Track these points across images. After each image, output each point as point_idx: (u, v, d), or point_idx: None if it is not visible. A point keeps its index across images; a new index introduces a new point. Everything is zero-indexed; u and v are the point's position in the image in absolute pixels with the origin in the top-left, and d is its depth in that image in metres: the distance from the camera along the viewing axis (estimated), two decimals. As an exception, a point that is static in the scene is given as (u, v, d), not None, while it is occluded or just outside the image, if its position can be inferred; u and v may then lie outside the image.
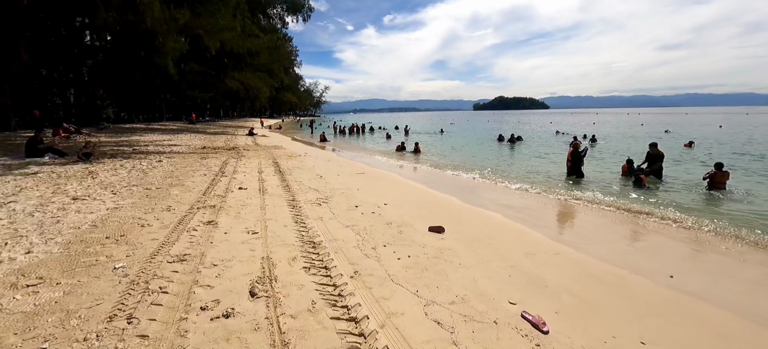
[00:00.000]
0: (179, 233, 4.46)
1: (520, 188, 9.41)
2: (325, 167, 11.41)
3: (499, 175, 11.59)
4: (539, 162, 14.69)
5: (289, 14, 37.03)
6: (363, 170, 11.20)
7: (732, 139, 24.09)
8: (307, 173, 9.90)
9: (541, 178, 11.11)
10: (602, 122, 53.60)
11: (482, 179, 10.76)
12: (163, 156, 11.85)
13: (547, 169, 12.58)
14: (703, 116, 74.97)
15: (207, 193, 6.81)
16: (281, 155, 13.99)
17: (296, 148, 18.28)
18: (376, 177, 10.13)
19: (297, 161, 12.42)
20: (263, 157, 13.19)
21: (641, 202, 7.96)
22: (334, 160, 13.52)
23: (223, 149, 15.22)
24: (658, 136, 27.36)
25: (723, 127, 38.33)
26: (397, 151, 18.87)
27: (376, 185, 8.88)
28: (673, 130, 33.86)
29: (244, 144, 18.63)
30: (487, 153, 18.26)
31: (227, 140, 20.37)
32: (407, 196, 7.76)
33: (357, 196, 7.34)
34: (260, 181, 8.32)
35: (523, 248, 4.85)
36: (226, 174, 8.97)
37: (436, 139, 28.36)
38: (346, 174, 10.32)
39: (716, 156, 14.89)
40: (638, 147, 19.92)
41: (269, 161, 11.95)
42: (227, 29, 21.72)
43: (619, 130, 35.68)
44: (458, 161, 15.04)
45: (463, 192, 8.90)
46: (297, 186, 7.95)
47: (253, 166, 10.76)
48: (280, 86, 72.93)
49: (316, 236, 4.66)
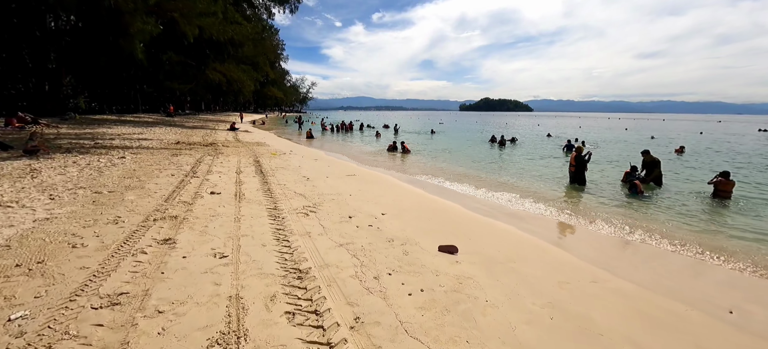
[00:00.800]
0: (121, 258, 3.40)
1: (524, 194, 8.68)
2: (313, 168, 10.39)
3: (499, 179, 10.87)
4: (536, 165, 14.11)
5: (276, 5, 35.37)
6: (354, 172, 10.24)
7: (718, 146, 24.38)
8: (292, 174, 8.87)
9: (543, 183, 10.44)
10: (587, 126, 54.30)
11: (483, 184, 9.99)
12: (127, 152, 10.53)
13: (546, 173, 11.97)
14: (680, 123, 77.43)
15: (171, 198, 5.71)
16: (264, 153, 12.85)
17: (281, 145, 17.11)
18: (370, 180, 9.20)
19: (281, 160, 11.33)
20: (244, 154, 12.02)
21: (654, 213, 7.34)
22: (323, 160, 12.49)
23: (199, 145, 13.92)
24: (645, 141, 27.53)
25: (703, 133, 39.27)
26: (389, 151, 17.97)
27: (370, 189, 7.95)
28: (658, 135, 34.32)
29: (224, 140, 17.30)
30: (483, 155, 17.60)
31: (205, 135, 18.95)
32: (406, 203, 6.87)
33: (350, 203, 6.39)
34: (237, 183, 7.24)
35: (553, 273, 4.04)
36: (197, 174, 7.83)
37: (428, 139, 27.62)
38: (336, 176, 9.34)
39: (708, 162, 14.74)
40: (630, 152, 19.74)
41: (250, 160, 10.81)
42: (206, 14, 20.16)
43: (605, 134, 35.91)
44: (454, 163, 14.27)
45: (465, 198, 8.09)
46: (280, 190, 6.92)
47: (232, 165, 9.62)
48: (266, 80, 70.68)
49: (303, 261, 3.69)
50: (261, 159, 11.19)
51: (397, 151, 17.82)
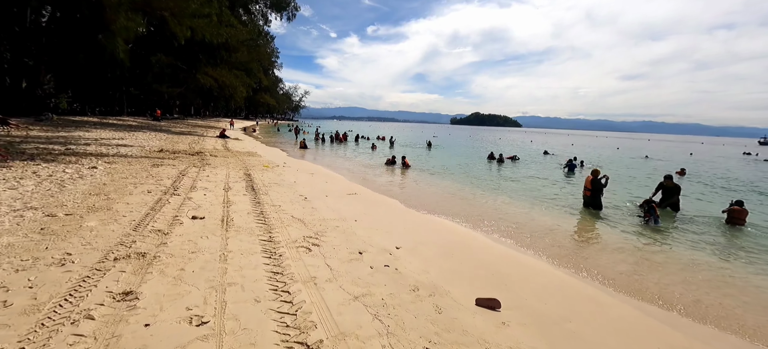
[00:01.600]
0: (53, 329, 2.41)
1: (540, 221, 7.90)
2: (310, 184, 9.44)
3: (508, 201, 10.10)
4: (541, 186, 13.45)
5: (273, 11, 34.62)
6: (355, 190, 9.34)
7: (713, 169, 24.34)
8: (287, 192, 7.91)
9: (556, 208, 9.71)
10: (578, 144, 54.70)
11: (491, 207, 9.19)
12: (101, 160, 9.40)
13: (553, 195, 11.27)
14: (665, 143, 79.00)
15: (142, 225, 4.70)
16: (255, 165, 11.84)
17: (273, 156, 16.10)
18: (374, 201, 8.31)
19: (274, 174, 10.35)
20: (233, 166, 10.99)
21: (704, 248, 6.63)
22: (319, 175, 11.56)
23: (184, 154, 12.82)
24: (640, 161, 27.44)
25: (693, 154, 39.79)
26: (387, 165, 17.15)
27: (376, 213, 7.06)
28: (652, 155, 34.49)
29: (213, 148, 16.20)
30: (485, 173, 16.91)
31: (193, 142, 17.80)
32: (421, 232, 5.99)
33: (357, 232, 5.48)
34: (225, 204, 6.25)
35: (625, 340, 3.21)
36: (179, 192, 6.80)
37: (425, 153, 26.95)
38: (336, 194, 8.42)
39: (711, 184, 14.38)
40: (629, 172, 19.39)
41: (240, 173, 9.80)
42: (199, 15, 19.19)
43: (599, 153, 35.91)
44: (457, 181, 13.50)
45: (482, 224, 7.25)
46: (275, 214, 5.96)
47: (219, 179, 8.59)
48: (258, 87, 69.56)
49: (311, 327, 2.76)
50: (252, 172, 10.19)
51: (396, 165, 17.02)
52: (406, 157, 17.56)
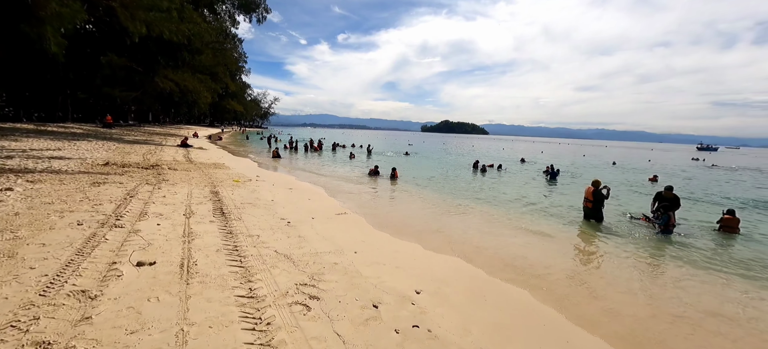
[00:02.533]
0: None
1: (546, 239, 7.13)
2: (290, 202, 8.10)
3: (507, 216, 9.34)
4: (530, 194, 12.94)
5: (241, 13, 32.46)
6: (343, 210, 8.12)
7: (676, 174, 25.54)
8: (265, 215, 6.55)
9: (557, 221, 9.07)
10: (547, 151, 56.56)
11: (489, 222, 8.35)
12: (23, 178, 7.48)
13: (544, 205, 10.71)
14: (622, 150, 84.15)
15: (55, 285, 3.23)
16: (224, 179, 10.26)
17: (244, 167, 14.43)
18: (370, 223, 7.14)
19: (247, 190, 8.88)
20: (197, 181, 9.36)
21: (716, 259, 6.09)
22: (299, 190, 10.20)
23: (136, 167, 10.92)
24: (610, 167, 28.36)
25: (651, 161, 42.22)
26: (371, 175, 16.01)
27: (377, 240, 5.91)
28: (619, 162, 36.02)
29: (172, 160, 14.24)
30: (474, 184, 16.24)
31: (148, 153, 15.65)
32: (435, 266, 4.93)
33: (363, 272, 4.32)
34: (186, 237, 4.83)
35: None
36: (122, 221, 5.25)
37: (404, 161, 26.11)
38: (324, 215, 7.17)
39: (686, 192, 14.66)
40: (605, 178, 19.63)
41: (205, 191, 8.25)
42: (156, 9, 16.96)
43: (568, 160, 36.89)
44: (446, 193, 12.64)
45: (504, 259, 6.29)
46: (253, 249, 4.65)
47: (179, 200, 7.05)
48: (225, 92, 65.95)
49: None
50: (220, 189, 8.66)
51: (380, 176, 15.94)
52: (396, 168, 16.49)
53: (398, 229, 7.17)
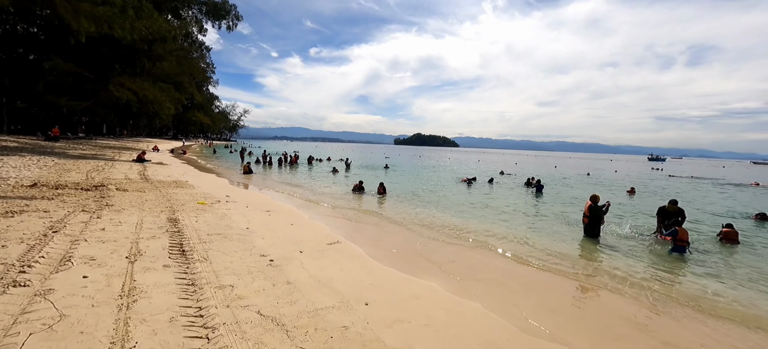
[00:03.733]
0: None
1: (556, 258, 6.25)
2: (270, 229, 6.67)
3: (515, 234, 8.44)
4: (522, 207, 12.26)
5: (209, 19, 30.32)
6: (334, 237, 6.81)
7: (647, 184, 26.34)
8: (240, 251, 5.13)
9: (560, 239, 8.30)
10: (521, 163, 57.85)
11: (497, 239, 7.39)
12: None
13: (539, 221, 9.98)
14: (587, 161, 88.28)
15: None
16: (186, 202, 8.59)
17: (211, 185, 12.65)
18: (371, 255, 5.87)
19: (215, 215, 7.33)
20: (152, 206, 7.66)
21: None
22: (279, 212, 8.73)
23: (74, 189, 8.96)
24: (587, 178, 28.87)
25: (617, 171, 44.09)
26: (355, 192, 14.74)
27: (387, 284, 4.68)
28: (593, 173, 37.08)
29: (123, 178, 12.20)
30: (469, 197, 15.39)
31: (95, 170, 13.42)
32: (477, 325, 3.78)
33: (386, 340, 3.08)
34: (123, 299, 3.34)
35: None
36: (28, 276, 3.65)
37: (383, 175, 25.04)
38: (314, 247, 5.83)
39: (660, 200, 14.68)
40: (586, 191, 19.54)
41: (161, 218, 6.62)
42: (108, 2, 14.69)
43: (542, 172, 37.38)
44: (441, 209, 11.63)
45: (549, 304, 5.26)
46: (226, 314, 3.26)
47: (124, 233, 5.43)
48: (190, 103, 62.10)
49: None
50: (182, 214, 7.05)
51: (365, 192, 14.70)
52: (383, 183, 15.34)
53: (407, 261, 5.97)
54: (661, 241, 8.56)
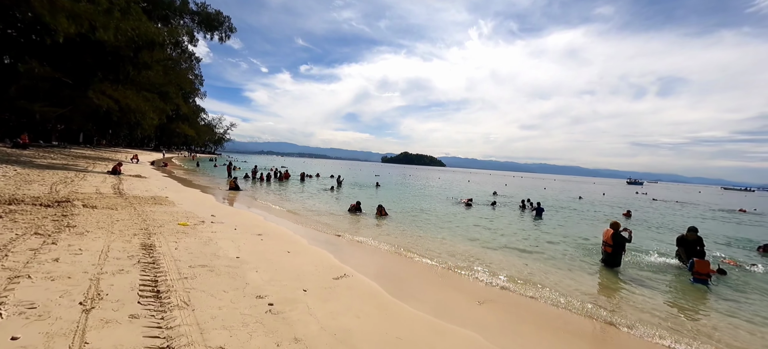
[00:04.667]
0: None
1: (582, 297, 5.49)
2: (265, 258, 5.66)
3: (528, 267, 7.67)
4: (528, 232, 11.57)
5: (202, 29, 29.36)
6: (342, 268, 5.85)
7: (638, 208, 26.28)
8: (231, 290, 4.12)
9: (577, 271, 7.59)
10: (511, 184, 58.07)
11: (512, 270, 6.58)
12: None
13: (550, 247, 9.29)
14: (570, 184, 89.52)
15: None
16: (165, 222, 7.47)
17: (194, 202, 11.46)
18: (392, 305, 4.93)
19: (199, 239, 6.25)
20: (123, 228, 6.52)
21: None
22: (272, 236, 7.69)
23: (32, 205, 7.69)
24: (580, 202, 28.67)
25: (605, 194, 44.59)
26: (351, 212, 13.78)
27: (419, 338, 3.76)
28: (585, 196, 37.18)
29: (94, 192, 10.89)
30: (471, 221, 14.62)
31: (61, 182, 12.02)
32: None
33: None
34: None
35: None
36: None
37: (375, 194, 24.17)
38: (320, 284, 4.87)
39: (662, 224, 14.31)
40: (576, 214, 19.20)
41: (133, 243, 5.52)
42: (92, 1, 13.53)
43: (535, 194, 37.14)
44: (457, 240, 10.80)
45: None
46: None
47: (82, 266, 4.34)
48: (175, 114, 60.15)
49: None
50: (158, 238, 5.96)
51: (362, 213, 13.76)
52: (383, 204, 14.40)
53: (431, 299, 5.05)
54: (685, 270, 8.02)
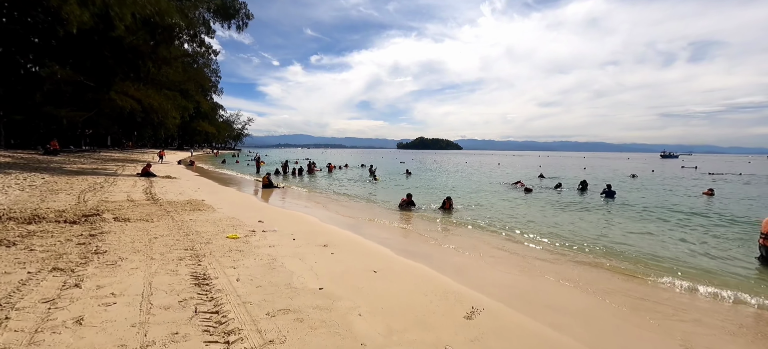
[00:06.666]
0: None
1: None
2: (356, 292, 4.08)
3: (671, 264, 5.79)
4: (629, 223, 9.58)
5: (218, 19, 28.12)
6: (468, 298, 4.22)
7: (699, 186, 23.30)
8: (330, 344, 2.57)
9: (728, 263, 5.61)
10: (544, 164, 54.77)
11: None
12: None
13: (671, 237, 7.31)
14: (601, 160, 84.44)
15: None
16: (211, 235, 6.06)
17: (233, 205, 10.10)
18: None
19: (257, 259, 4.77)
20: (164, 248, 5.12)
21: None
22: (341, 247, 6.14)
23: (55, 222, 6.43)
24: (628, 180, 25.96)
25: (654, 171, 40.96)
26: (402, 208, 12.13)
27: None
28: (637, 173, 34.14)
29: (125, 199, 9.70)
30: (552, 210, 12.74)
31: (90, 189, 10.96)
32: None
33: None
34: None
35: None
36: None
37: (406, 182, 22.54)
38: (459, 336, 3.24)
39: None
40: (633, 194, 16.75)
41: (181, 273, 4.08)
42: None
43: (573, 173, 34.22)
44: (541, 229, 9.01)
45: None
46: None
47: (117, 324, 2.89)
48: (196, 112, 60.11)
49: None
50: (210, 263, 4.50)
51: (415, 207, 12.12)
52: (452, 198, 12.47)
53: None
54: None
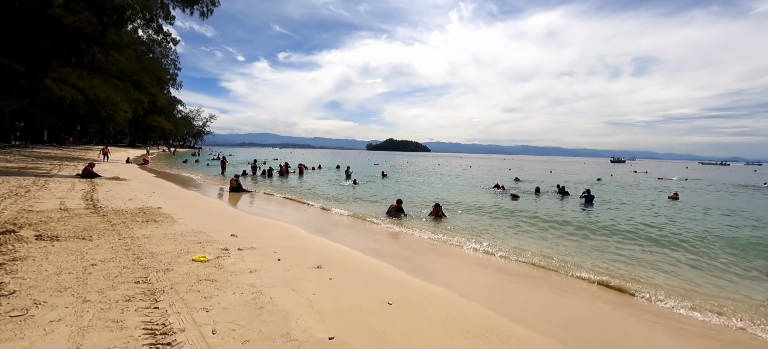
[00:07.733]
0: None
1: None
2: (377, 343, 3.06)
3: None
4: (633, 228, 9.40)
5: (178, 4, 25.21)
6: (523, 340, 3.31)
7: (665, 189, 24.71)
8: None
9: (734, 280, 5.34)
10: (514, 168, 56.18)
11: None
12: None
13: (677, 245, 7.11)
14: (559, 164, 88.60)
15: None
16: (172, 258, 4.71)
17: (197, 214, 8.54)
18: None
19: (237, 294, 3.57)
20: (104, 282, 3.74)
21: None
22: (339, 269, 5.04)
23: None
24: (600, 185, 26.98)
25: (613, 176, 43.39)
26: (391, 215, 11.16)
27: None
28: (605, 178, 35.79)
29: (57, 208, 7.83)
30: (550, 214, 12.31)
31: (11, 193, 8.84)
32: None
33: None
34: None
35: None
36: None
37: (383, 184, 21.74)
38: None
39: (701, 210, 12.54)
40: (630, 201, 17.29)
41: (127, 329, 2.82)
42: None
43: (546, 178, 35.29)
44: (530, 239, 8.42)
45: None
46: None
47: None
48: (151, 107, 55.03)
49: None
50: (171, 304, 3.24)
51: (405, 215, 11.21)
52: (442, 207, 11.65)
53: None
54: None
